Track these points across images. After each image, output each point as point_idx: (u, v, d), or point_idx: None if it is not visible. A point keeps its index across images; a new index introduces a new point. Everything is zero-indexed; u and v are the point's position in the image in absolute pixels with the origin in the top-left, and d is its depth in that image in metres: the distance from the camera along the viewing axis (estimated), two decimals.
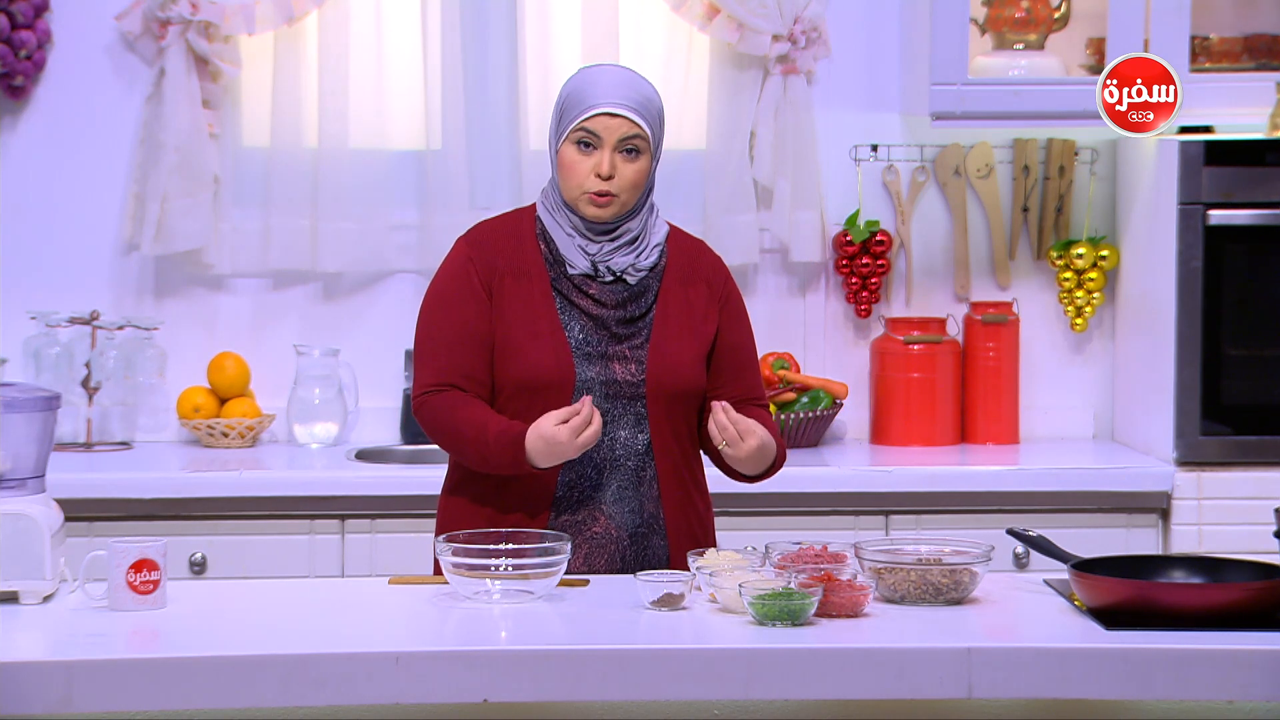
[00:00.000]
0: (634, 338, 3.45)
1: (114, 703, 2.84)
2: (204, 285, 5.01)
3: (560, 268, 3.45)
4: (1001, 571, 3.59)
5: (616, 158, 3.39)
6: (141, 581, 3.09)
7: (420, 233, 4.99)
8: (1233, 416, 4.62)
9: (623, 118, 3.38)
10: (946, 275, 5.08)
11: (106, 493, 4.47)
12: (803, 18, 4.92)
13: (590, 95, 3.39)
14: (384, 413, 5.01)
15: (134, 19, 4.89)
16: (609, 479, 3.43)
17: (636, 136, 3.39)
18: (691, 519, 3.49)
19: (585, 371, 3.41)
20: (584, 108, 3.38)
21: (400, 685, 2.86)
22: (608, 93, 3.38)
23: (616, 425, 3.43)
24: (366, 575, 4.42)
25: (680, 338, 3.46)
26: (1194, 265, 4.59)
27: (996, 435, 4.98)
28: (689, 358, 3.46)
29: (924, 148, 5.05)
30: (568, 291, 3.44)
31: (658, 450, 3.44)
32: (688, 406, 3.48)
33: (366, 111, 4.96)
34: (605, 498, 3.43)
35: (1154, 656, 2.90)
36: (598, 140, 3.38)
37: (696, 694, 2.90)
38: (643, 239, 3.46)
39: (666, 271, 3.48)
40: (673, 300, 3.47)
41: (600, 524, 3.43)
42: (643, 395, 3.43)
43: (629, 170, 3.40)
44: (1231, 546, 4.31)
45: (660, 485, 3.45)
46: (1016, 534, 3.41)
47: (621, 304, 3.45)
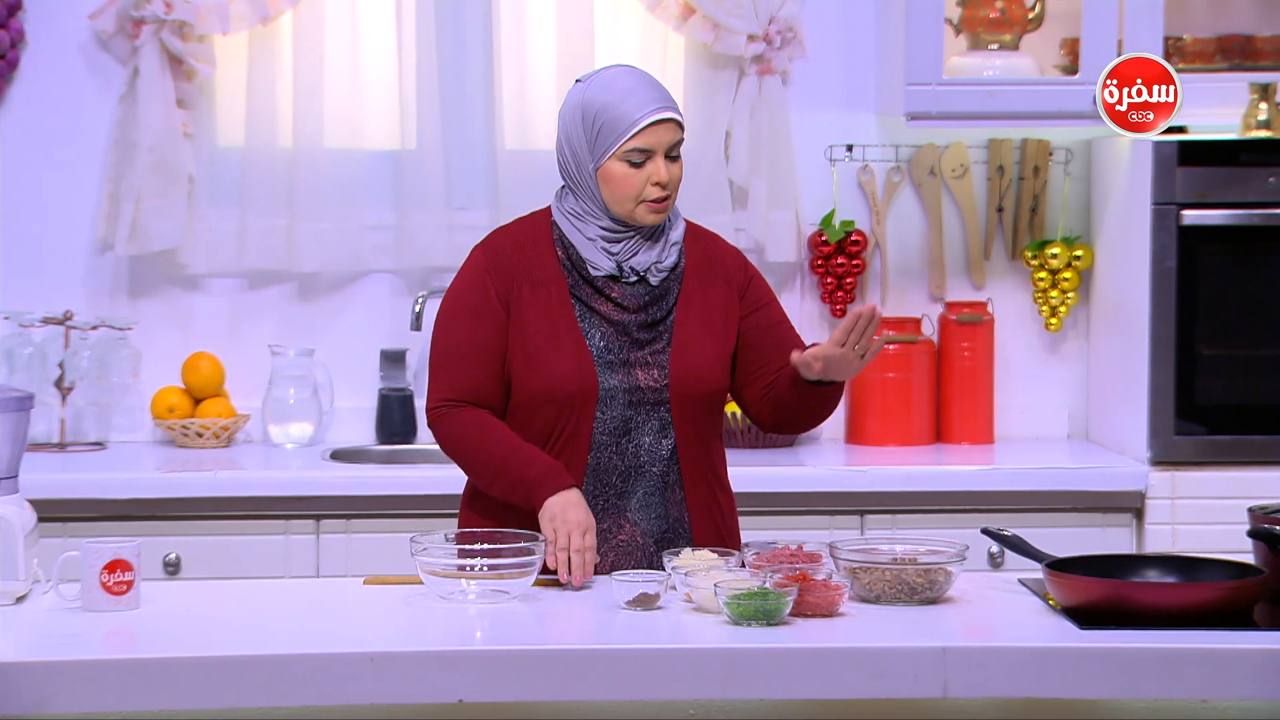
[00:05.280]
0: (655, 342, 3.42)
1: (89, 704, 2.83)
2: (179, 285, 5.00)
3: (579, 273, 3.42)
4: (976, 571, 3.60)
5: (665, 162, 3.38)
6: (115, 582, 3.08)
7: (396, 233, 4.98)
8: (1207, 416, 4.63)
9: (668, 121, 3.37)
10: (921, 275, 5.09)
11: (80, 493, 4.46)
12: (778, 18, 4.93)
13: (631, 110, 3.36)
14: (359, 413, 5.01)
15: (108, 18, 4.88)
16: (634, 486, 3.41)
17: (680, 140, 3.41)
18: (717, 520, 3.46)
19: (608, 380, 3.39)
20: (630, 122, 3.35)
21: (375, 686, 2.86)
22: (647, 102, 3.36)
23: (641, 432, 3.41)
24: (342, 576, 4.41)
25: (702, 339, 3.44)
26: (1168, 265, 4.60)
27: (972, 435, 4.99)
28: (711, 359, 3.44)
29: (899, 148, 5.06)
30: (587, 298, 3.42)
31: (683, 455, 3.42)
32: (711, 407, 3.46)
33: (342, 111, 4.96)
34: (630, 505, 3.41)
35: (1129, 656, 2.91)
36: (649, 154, 3.37)
37: (672, 694, 2.90)
38: (662, 234, 3.45)
39: (685, 273, 3.47)
40: (693, 301, 3.45)
41: (626, 531, 3.41)
42: (666, 401, 3.41)
43: (676, 170, 3.41)
44: (1206, 546, 4.32)
45: (685, 490, 3.43)
46: (991, 533, 3.42)
47: (643, 307, 3.42)
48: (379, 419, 4.98)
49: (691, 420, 3.43)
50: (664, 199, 3.38)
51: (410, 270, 5.01)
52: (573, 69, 4.90)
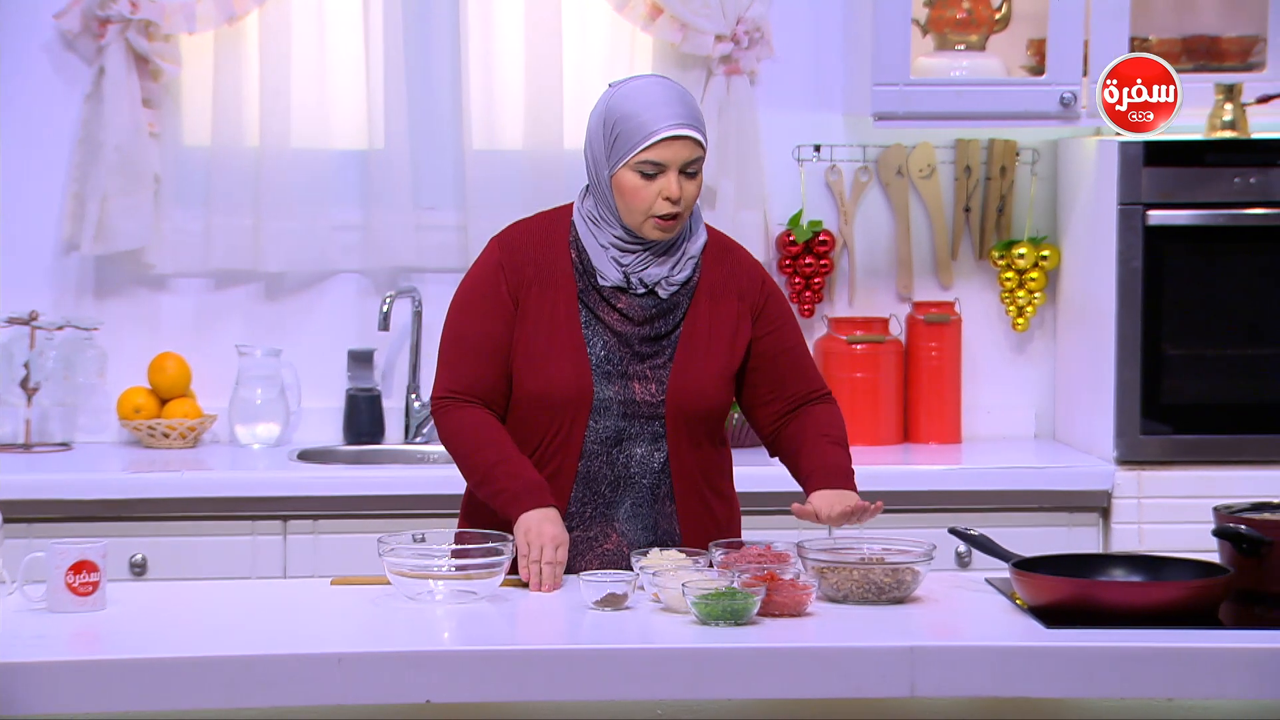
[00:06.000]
0: (657, 356, 3.40)
1: (55, 705, 2.82)
2: (145, 285, 4.98)
3: (589, 278, 3.40)
4: (944, 570, 3.61)
5: (681, 179, 3.33)
6: (81, 583, 3.07)
7: (363, 232, 4.97)
8: (1172, 416, 4.65)
9: (686, 139, 3.31)
10: (889, 275, 5.10)
11: (46, 494, 4.44)
12: (745, 18, 4.93)
13: (650, 121, 3.31)
14: (327, 413, 5.00)
15: (73, 17, 4.86)
16: (623, 496, 3.40)
17: (698, 159, 3.34)
18: (710, 530, 3.43)
19: (604, 390, 3.37)
20: (645, 134, 3.31)
21: (343, 686, 2.85)
22: (667, 115, 3.31)
23: (633, 443, 3.40)
24: (309, 576, 4.40)
25: (706, 356, 3.41)
26: (1134, 265, 4.62)
27: (939, 435, 4.99)
28: (713, 376, 3.41)
29: (866, 148, 5.06)
30: (594, 305, 3.39)
31: (675, 468, 3.41)
32: (711, 422, 3.44)
33: (309, 111, 4.94)
34: (619, 514, 3.41)
35: (1094, 654, 2.92)
36: (662, 168, 3.32)
37: (640, 694, 2.90)
38: (677, 249, 3.41)
39: (698, 287, 3.43)
40: (701, 317, 3.41)
41: (612, 540, 3.40)
42: (661, 415, 3.39)
43: (691, 188, 3.35)
44: (1171, 545, 4.33)
45: (677, 502, 3.42)
46: (958, 533, 3.43)
47: (649, 319, 3.40)
48: (346, 419, 4.97)
49: (687, 435, 3.41)
50: (673, 216, 3.34)
51: (378, 270, 5.00)
52: (540, 69, 4.91)
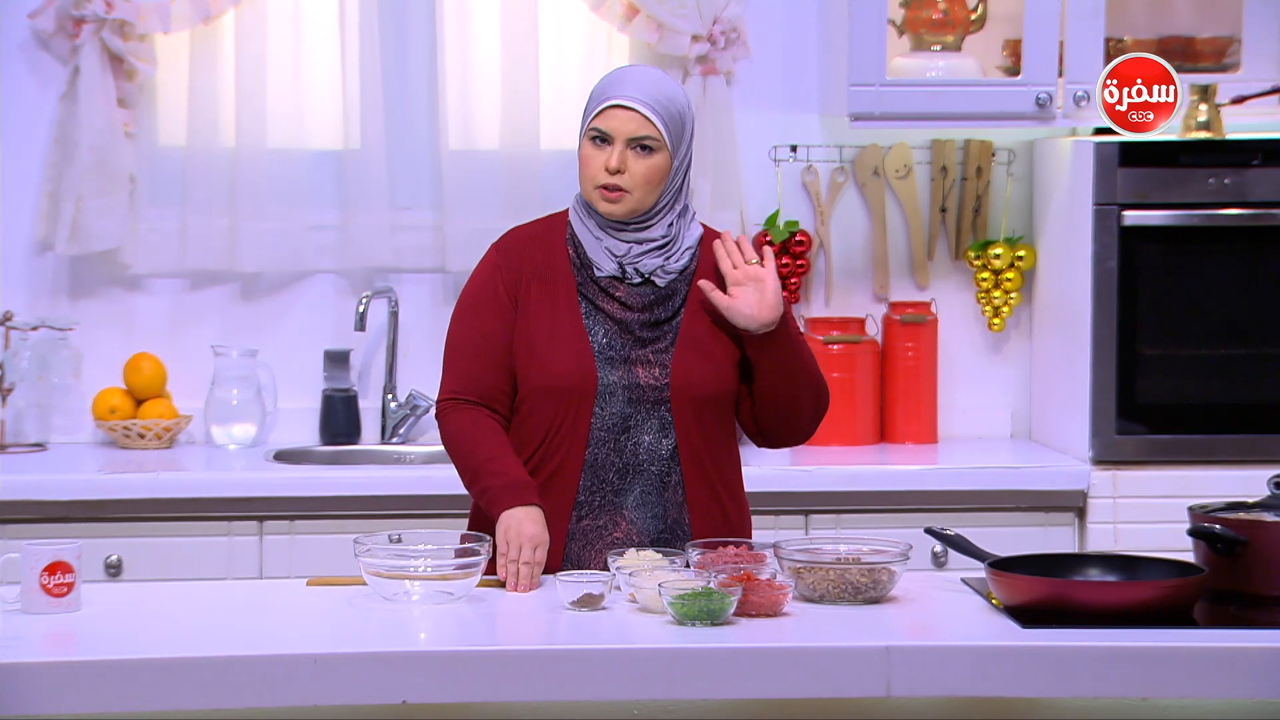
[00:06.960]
0: (659, 341, 3.41)
1: (30, 706, 2.81)
2: (120, 285, 4.97)
3: (587, 271, 3.41)
4: (920, 570, 3.61)
5: (628, 154, 3.35)
6: (55, 584, 3.06)
7: (340, 233, 4.97)
8: (1148, 416, 4.66)
9: (633, 111, 3.34)
10: (865, 275, 5.10)
11: (20, 494, 4.43)
12: (722, 18, 4.93)
13: (605, 89, 3.37)
14: (303, 413, 4.99)
15: (48, 17, 4.85)
16: (631, 484, 3.40)
17: (648, 136, 3.35)
18: (719, 525, 3.43)
19: (608, 376, 3.38)
20: (598, 102, 3.37)
21: (319, 687, 2.85)
22: (623, 89, 3.35)
23: (640, 430, 3.40)
24: (285, 577, 4.40)
25: (709, 341, 3.41)
26: (1109, 265, 4.63)
27: (915, 435, 5.00)
28: (717, 360, 3.41)
29: (843, 148, 5.07)
30: (593, 295, 3.41)
31: (684, 455, 3.40)
32: (719, 409, 3.44)
33: (284, 111, 4.94)
34: (627, 503, 3.40)
35: (1070, 654, 2.92)
36: (609, 136, 3.35)
37: (617, 694, 2.90)
38: (674, 243, 3.43)
39: (697, 274, 3.44)
40: (705, 303, 3.41)
41: (621, 529, 3.40)
42: (667, 400, 3.39)
43: (640, 167, 3.35)
44: (1147, 544, 4.34)
45: (686, 491, 3.42)
46: (935, 533, 3.43)
47: (648, 307, 3.41)
48: (323, 420, 4.96)
49: (694, 421, 3.41)
50: (616, 189, 3.35)
51: (354, 270, 4.99)
52: (516, 69, 4.91)
